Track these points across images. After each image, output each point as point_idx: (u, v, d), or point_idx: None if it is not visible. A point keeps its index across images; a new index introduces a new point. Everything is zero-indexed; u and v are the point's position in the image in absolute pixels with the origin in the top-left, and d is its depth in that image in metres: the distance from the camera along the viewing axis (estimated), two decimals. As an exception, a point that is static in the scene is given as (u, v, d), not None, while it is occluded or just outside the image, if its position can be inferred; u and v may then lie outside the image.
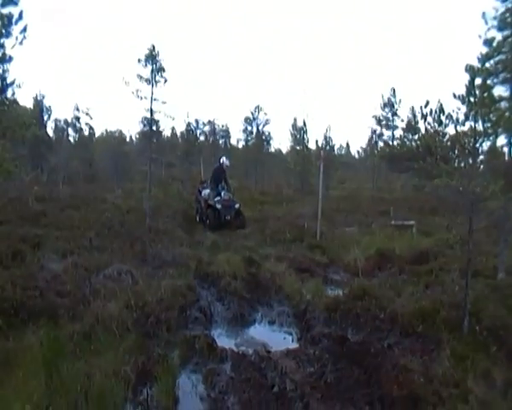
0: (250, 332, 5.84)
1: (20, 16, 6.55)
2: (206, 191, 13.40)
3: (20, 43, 6.57)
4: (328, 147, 21.98)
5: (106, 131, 37.01)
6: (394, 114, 24.81)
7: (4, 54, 6.62)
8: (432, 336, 4.74)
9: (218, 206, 12.59)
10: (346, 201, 19.76)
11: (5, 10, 6.54)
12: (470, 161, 5.24)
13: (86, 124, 31.00)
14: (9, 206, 12.96)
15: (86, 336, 4.57)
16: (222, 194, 12.95)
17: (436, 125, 19.01)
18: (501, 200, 6.19)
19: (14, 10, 6.54)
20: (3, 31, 6.43)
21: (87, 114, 30.37)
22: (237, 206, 12.92)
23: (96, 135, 34.10)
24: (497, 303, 5.29)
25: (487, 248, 8.40)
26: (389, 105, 24.86)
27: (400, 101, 24.67)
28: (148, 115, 12.23)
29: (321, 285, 7.49)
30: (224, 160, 13.99)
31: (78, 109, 30.78)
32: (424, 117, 20.05)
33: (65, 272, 6.53)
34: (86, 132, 30.74)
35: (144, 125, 24.11)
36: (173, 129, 40.42)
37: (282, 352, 4.93)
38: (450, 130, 19.47)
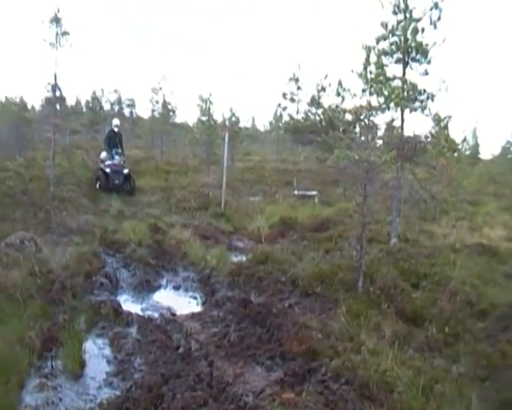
0: (155, 297, 5.93)
1: None
2: (102, 154, 13.28)
3: None
4: (233, 119, 22.13)
5: (5, 97, 33.16)
6: (299, 88, 25.62)
7: None
8: (330, 296, 5.20)
9: (108, 170, 12.57)
10: (251, 172, 20.23)
11: None
12: (368, 135, 5.67)
13: None
14: None
15: None
16: (115, 158, 12.93)
17: (335, 97, 20.08)
18: (392, 169, 6.84)
19: None
20: None
21: None
22: (126, 171, 12.85)
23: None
24: (389, 266, 5.92)
25: (382, 217, 9.19)
26: (294, 80, 25.56)
27: (305, 76, 25.54)
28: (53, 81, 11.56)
29: (225, 252, 7.80)
30: (113, 121, 14.00)
31: None
32: (323, 89, 21.09)
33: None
34: None
35: (48, 91, 22.11)
36: (77, 97, 37.94)
37: (187, 315, 5.14)
38: (349, 105, 20.80)
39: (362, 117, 5.68)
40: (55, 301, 4.86)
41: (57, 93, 13.00)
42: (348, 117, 19.06)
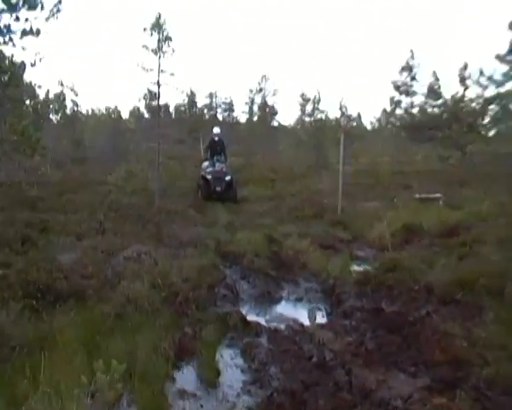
0: (278, 309, 6.16)
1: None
2: (205, 163, 14.43)
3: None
4: (346, 117, 22.20)
5: (98, 109, 37.09)
6: (413, 78, 24.48)
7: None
8: (472, 303, 5.10)
9: (209, 177, 13.61)
10: (364, 175, 20.07)
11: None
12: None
13: (73, 101, 30.94)
14: (0, 191, 13.23)
15: (118, 316, 4.91)
16: (216, 165, 13.93)
17: (476, 87, 18.90)
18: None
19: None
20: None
21: (72, 89, 30.40)
22: (228, 178, 13.75)
23: (84, 112, 34.29)
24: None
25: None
26: (408, 69, 24.45)
27: (419, 65, 24.30)
28: (154, 89, 12.89)
29: (347, 261, 7.93)
30: (214, 129, 15.24)
31: (62, 85, 30.76)
32: (463, 79, 19.87)
33: (84, 255, 6.88)
34: (74, 109, 30.62)
35: (146, 100, 24.79)
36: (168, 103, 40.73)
37: (316, 325, 5.36)
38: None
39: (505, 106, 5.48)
40: (179, 312, 5.27)
41: (160, 101, 14.11)
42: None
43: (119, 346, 4.22)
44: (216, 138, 14.82)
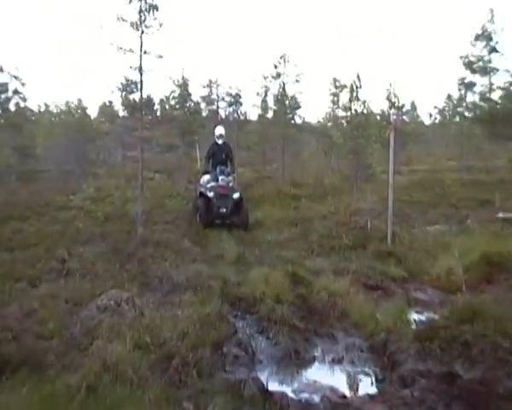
0: (310, 374, 6.06)
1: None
2: (204, 177, 14.54)
3: None
4: (396, 109, 21.86)
5: (54, 104, 37.01)
6: (493, 50, 23.46)
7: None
8: None
9: (210, 194, 13.62)
10: (421, 189, 20.19)
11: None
12: None
13: (18, 94, 30.05)
14: None
15: (91, 390, 4.78)
16: (219, 178, 13.99)
17: None
18: None
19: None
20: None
21: (16, 77, 29.61)
22: (236, 195, 13.91)
23: (35, 109, 34.31)
24: None
25: None
26: (485, 38, 23.54)
27: (503, 30, 23.02)
28: (135, 76, 12.90)
29: (404, 307, 7.79)
30: (216, 130, 15.30)
31: (1, 70, 29.90)
32: None
33: (41, 307, 6.91)
34: (20, 104, 30.29)
35: (123, 93, 24.86)
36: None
37: (363, 397, 5.26)
38: None
39: None
40: (176, 382, 5.17)
41: (143, 94, 14.03)
42: None
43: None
44: (219, 142, 14.90)
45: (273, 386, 5.51)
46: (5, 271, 8.81)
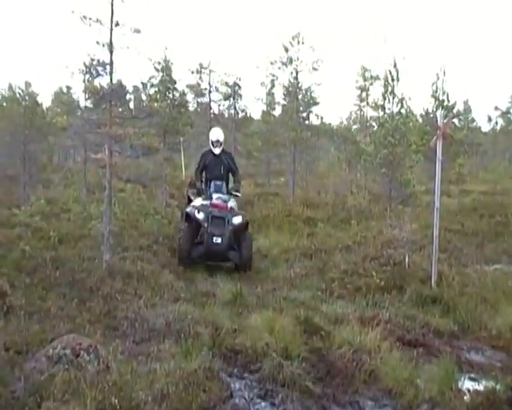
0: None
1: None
2: (197, 201, 11.55)
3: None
4: (445, 110, 18.27)
5: (9, 85, 32.88)
6: None
7: None
8: None
9: (199, 215, 10.44)
10: (475, 215, 18.41)
11: None
12: None
13: None
14: None
15: None
16: (214, 197, 10.87)
17: None
18: None
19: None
20: None
21: None
22: (238, 220, 10.68)
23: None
24: None
25: None
26: None
27: None
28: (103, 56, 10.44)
29: (453, 371, 6.53)
30: (212, 133, 11.95)
31: None
32: None
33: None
34: None
35: (87, 76, 20.42)
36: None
37: None
38: None
39: None
40: None
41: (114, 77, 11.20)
42: None
43: None
44: (216, 151, 11.52)
45: None
46: None
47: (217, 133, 11.62)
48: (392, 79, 17.18)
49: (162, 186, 18.56)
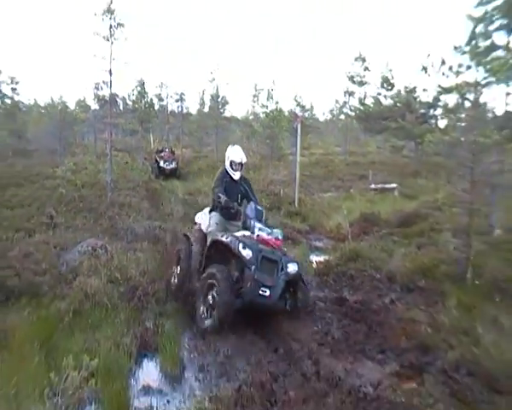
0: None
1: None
2: (200, 214, 6.35)
3: None
4: (301, 107, 22.24)
5: (42, 100, 35.61)
6: (366, 69, 25.05)
7: None
8: (434, 289, 5.34)
9: (246, 253, 5.05)
10: (318, 166, 20.53)
11: None
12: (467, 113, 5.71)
13: (12, 90, 28.98)
14: None
15: (76, 313, 4.85)
16: (256, 229, 5.45)
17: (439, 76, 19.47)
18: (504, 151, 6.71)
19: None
20: None
21: (12, 79, 28.55)
22: (293, 268, 5.26)
23: (26, 102, 32.81)
24: (495, 258, 5.88)
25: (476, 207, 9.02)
26: (360, 59, 25.09)
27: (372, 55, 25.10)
28: (105, 78, 12.13)
29: (306, 252, 8.11)
30: (231, 154, 6.18)
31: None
32: (425, 69, 20.47)
33: (36, 251, 6.75)
34: (14, 98, 28.92)
35: (95, 90, 24.09)
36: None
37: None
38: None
39: (464, 95, 5.71)
40: (139, 307, 5.22)
41: (112, 90, 12.92)
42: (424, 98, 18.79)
43: (79, 344, 4.14)
44: (236, 175, 6.13)
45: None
46: (7, 224, 8.62)
47: (240, 154, 6.15)
48: (272, 90, 20.96)
49: (140, 153, 20.31)
